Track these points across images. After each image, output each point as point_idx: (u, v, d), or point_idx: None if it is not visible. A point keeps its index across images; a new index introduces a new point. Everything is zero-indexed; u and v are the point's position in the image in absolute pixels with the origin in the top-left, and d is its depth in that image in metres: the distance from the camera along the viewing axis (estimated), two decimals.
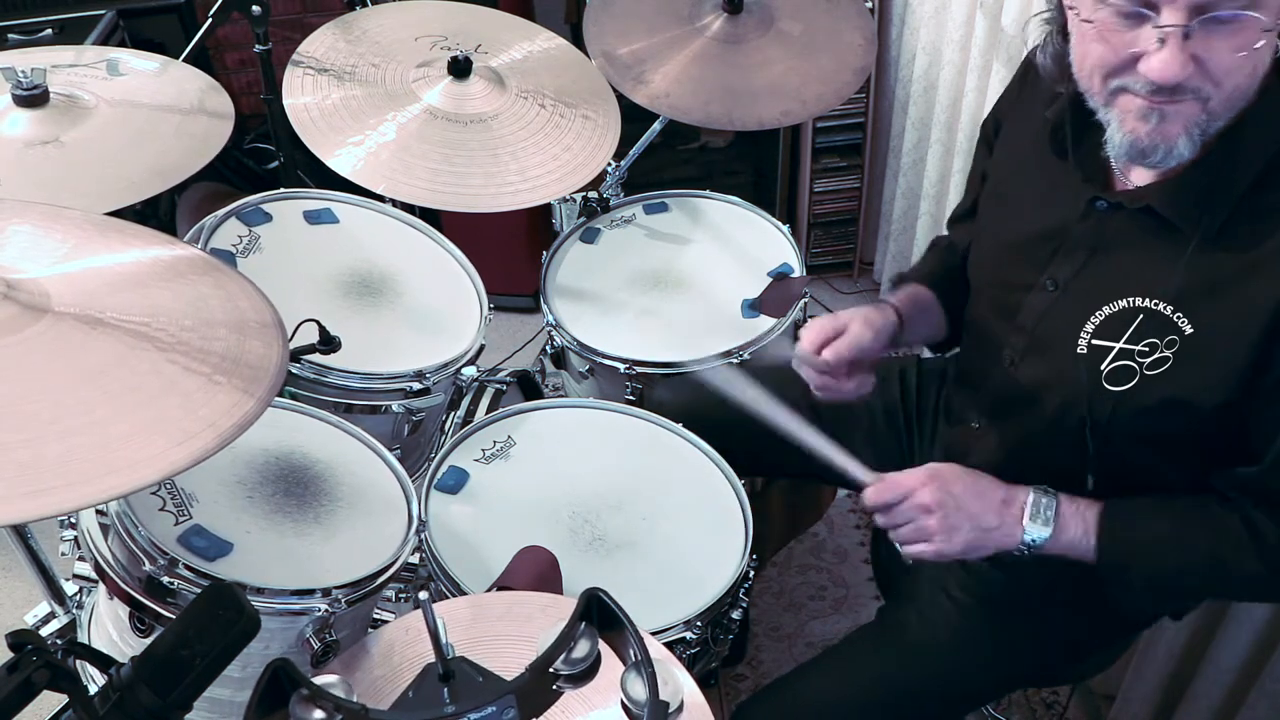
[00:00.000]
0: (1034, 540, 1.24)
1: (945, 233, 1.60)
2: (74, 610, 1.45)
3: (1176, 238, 1.14)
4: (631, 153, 2.06)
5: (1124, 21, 1.05)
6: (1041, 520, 1.24)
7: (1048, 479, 1.30)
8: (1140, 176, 1.20)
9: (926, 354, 1.69)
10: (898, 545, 1.29)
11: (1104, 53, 1.08)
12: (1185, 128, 1.07)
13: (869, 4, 2.54)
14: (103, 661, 0.96)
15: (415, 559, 1.40)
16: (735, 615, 1.45)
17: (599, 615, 0.94)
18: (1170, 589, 1.30)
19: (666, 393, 1.77)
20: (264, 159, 2.92)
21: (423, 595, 0.95)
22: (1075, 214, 1.24)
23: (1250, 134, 1.10)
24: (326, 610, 1.23)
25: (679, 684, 0.95)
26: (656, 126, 2.03)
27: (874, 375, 1.41)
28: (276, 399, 1.19)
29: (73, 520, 1.32)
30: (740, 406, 1.41)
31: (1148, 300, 1.16)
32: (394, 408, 1.63)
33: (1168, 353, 1.15)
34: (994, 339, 1.35)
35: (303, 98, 1.72)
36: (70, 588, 1.45)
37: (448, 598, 1.38)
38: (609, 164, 1.93)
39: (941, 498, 1.25)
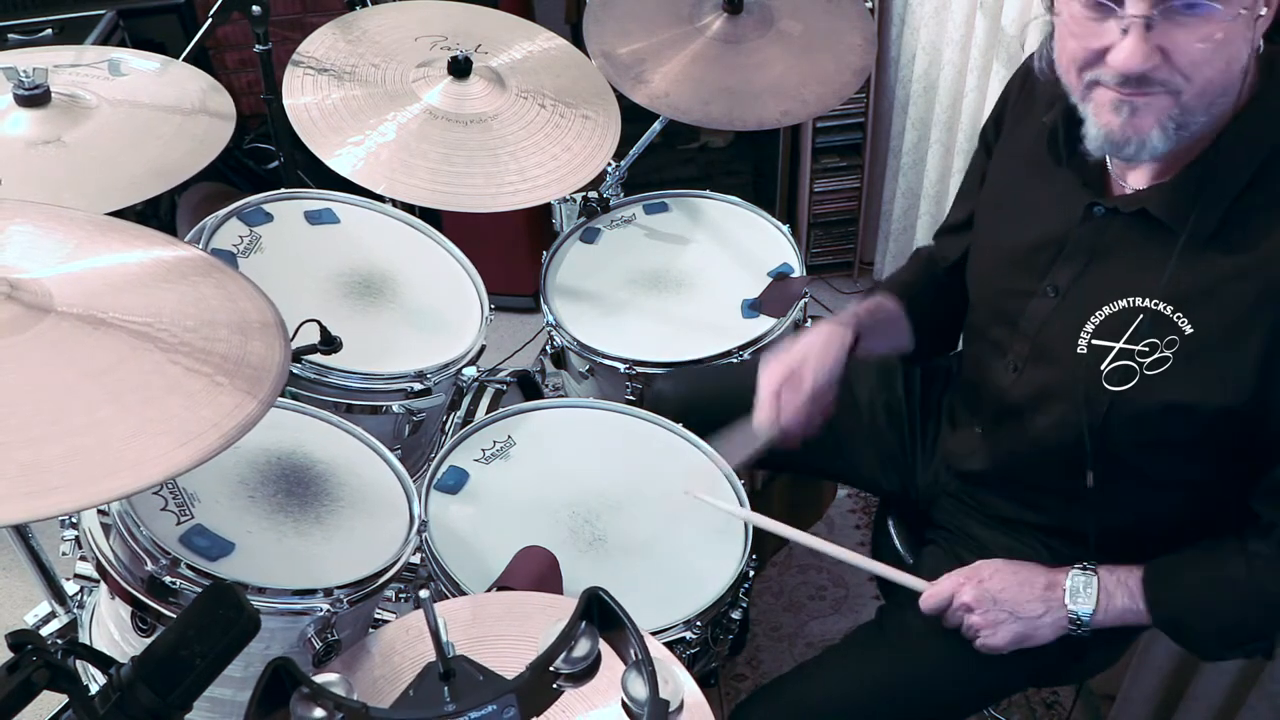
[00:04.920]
0: (1081, 617, 1.27)
1: (936, 235, 1.60)
2: (74, 610, 1.45)
3: (1174, 240, 1.14)
4: (631, 153, 2.06)
5: (1092, 14, 1.07)
6: (1084, 597, 1.26)
7: (1049, 482, 1.31)
8: (1136, 180, 1.20)
9: None
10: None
11: (1076, 46, 1.10)
12: (1158, 120, 1.07)
13: (869, 4, 2.54)
14: (103, 661, 0.96)
15: (416, 559, 1.40)
16: (735, 615, 1.46)
17: (599, 614, 0.94)
18: (1233, 632, 1.30)
19: (667, 384, 1.76)
20: (264, 159, 2.91)
21: (424, 593, 0.95)
22: (1074, 220, 1.24)
23: (1242, 135, 1.11)
24: (328, 610, 1.24)
25: (679, 683, 0.95)
26: (656, 126, 2.03)
27: (834, 400, 1.43)
28: (278, 399, 1.19)
29: (74, 520, 1.32)
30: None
31: (1148, 300, 1.16)
32: (394, 408, 1.63)
33: (1168, 353, 1.16)
34: (996, 346, 1.35)
35: (303, 98, 1.72)
36: (71, 587, 1.45)
37: (448, 598, 1.39)
38: (609, 164, 1.94)
39: (979, 595, 1.30)
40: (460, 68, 1.76)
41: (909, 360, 1.60)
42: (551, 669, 0.92)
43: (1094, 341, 1.21)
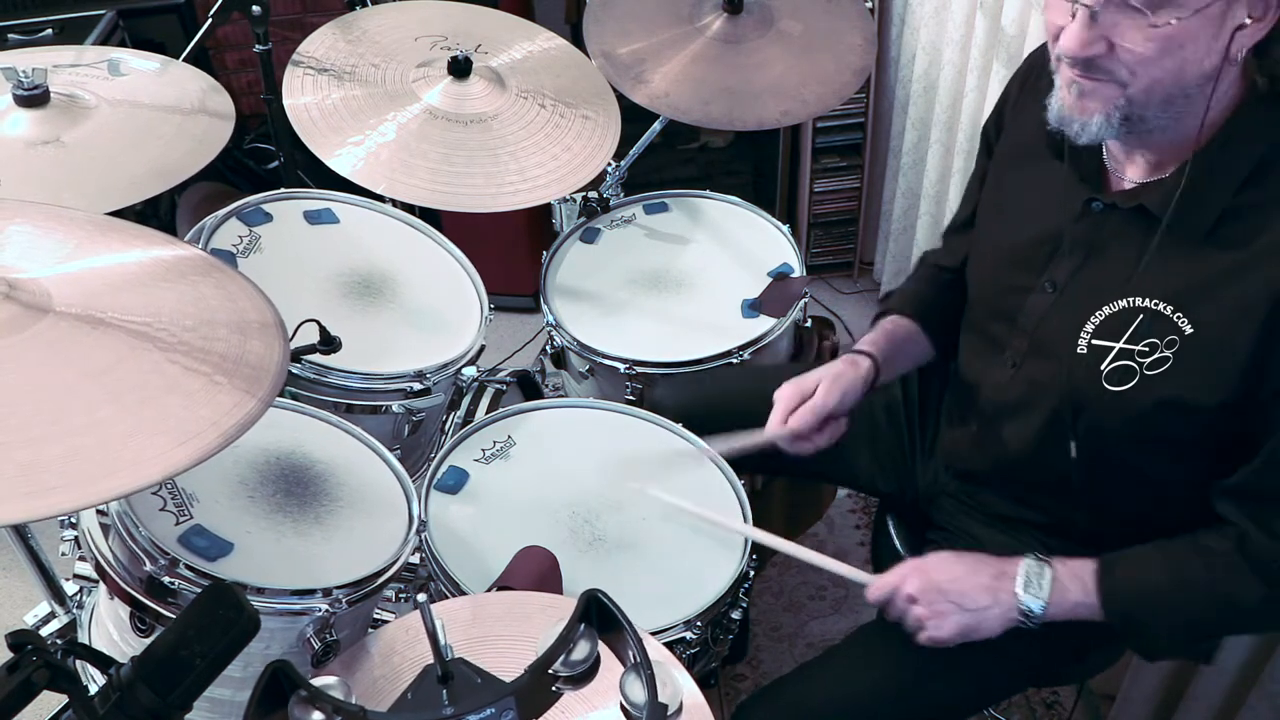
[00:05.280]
0: (1030, 609, 1.26)
1: (944, 234, 1.60)
2: (74, 610, 1.45)
3: (1171, 237, 1.15)
4: (631, 153, 2.06)
5: None
6: (1035, 589, 1.26)
7: (1046, 480, 1.30)
8: (1134, 175, 1.21)
9: None
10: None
11: (1049, 20, 1.14)
12: (1103, 107, 1.11)
13: (869, 4, 2.54)
14: (103, 661, 0.96)
15: (415, 559, 1.40)
16: (735, 615, 1.45)
17: (598, 617, 0.94)
18: (1184, 631, 1.30)
19: (667, 392, 1.77)
20: (264, 159, 2.91)
21: (421, 597, 0.95)
22: (1072, 215, 1.25)
23: (1236, 135, 1.12)
24: (327, 610, 1.24)
25: (678, 686, 0.95)
26: (656, 126, 2.03)
27: (846, 422, 1.45)
28: (277, 399, 1.19)
29: (73, 520, 1.32)
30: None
31: (1147, 300, 1.17)
32: (394, 408, 1.63)
33: (1168, 352, 1.16)
34: (994, 342, 1.35)
35: (303, 98, 1.72)
36: (70, 587, 1.45)
37: (448, 598, 1.39)
38: (609, 164, 1.93)
39: (922, 586, 1.29)
40: (460, 68, 1.76)
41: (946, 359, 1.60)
42: (550, 671, 0.92)
43: (1094, 341, 1.21)
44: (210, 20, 1.95)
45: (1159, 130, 1.13)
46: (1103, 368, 1.20)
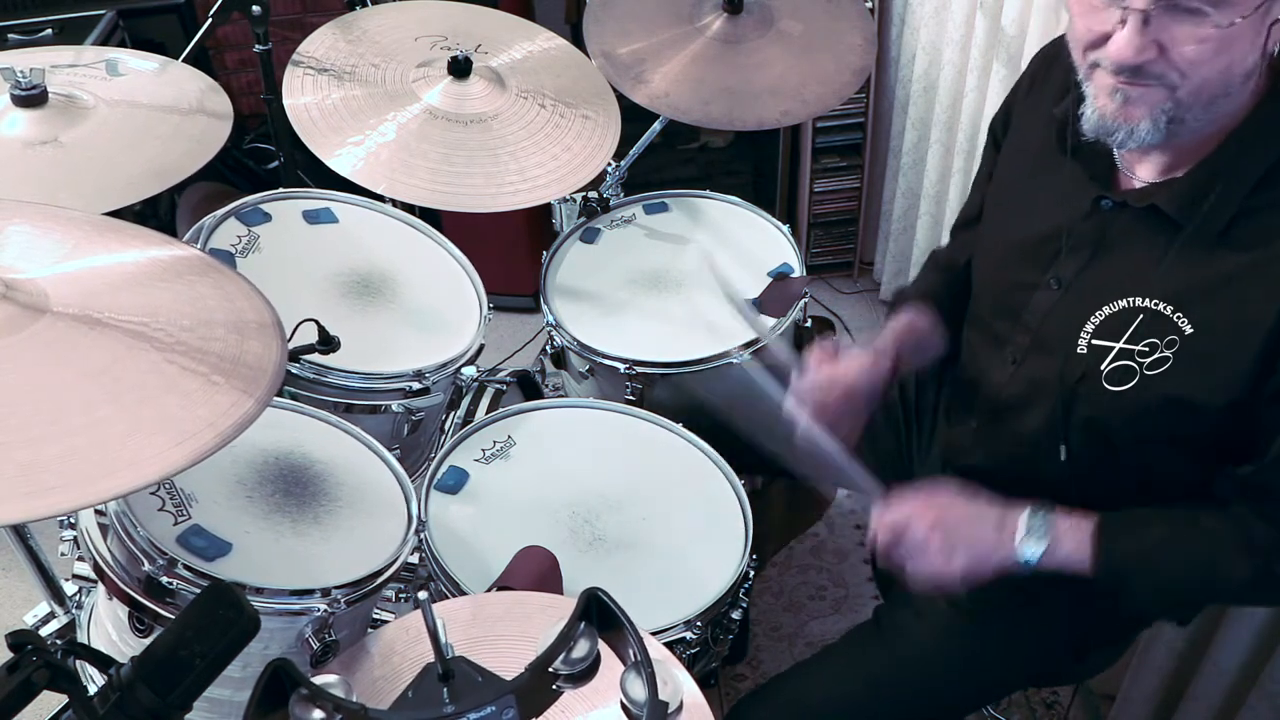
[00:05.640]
0: (1028, 560, 1.24)
1: (946, 234, 1.60)
2: (74, 610, 1.45)
3: (1180, 237, 1.14)
4: (631, 153, 2.06)
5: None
6: (1036, 537, 1.23)
7: (1044, 479, 1.30)
8: (1145, 174, 1.20)
9: None
10: (896, 569, 1.29)
11: (1082, 27, 1.11)
12: (1150, 112, 1.08)
13: (869, 4, 2.54)
14: (103, 661, 0.96)
15: (415, 559, 1.40)
16: (735, 615, 1.45)
17: (598, 615, 0.94)
18: (1169, 596, 1.30)
19: (666, 392, 1.76)
20: (264, 159, 2.91)
21: (422, 595, 0.95)
22: (1080, 212, 1.24)
23: (1255, 134, 1.11)
24: (326, 610, 1.23)
25: (679, 684, 0.95)
26: (656, 126, 2.03)
27: (863, 419, 1.42)
28: (276, 399, 1.19)
29: (72, 520, 1.32)
30: (763, 400, 1.41)
31: (1148, 300, 1.16)
32: (394, 408, 1.62)
33: (1168, 353, 1.15)
34: (997, 338, 1.35)
35: (303, 98, 1.72)
36: (70, 588, 1.45)
37: (448, 598, 1.38)
38: (609, 164, 1.93)
39: (939, 518, 1.26)
40: (460, 68, 1.76)
41: (949, 357, 1.59)
42: (551, 670, 0.92)
43: (1094, 341, 1.20)
44: (210, 20, 1.95)
45: (1194, 131, 1.11)
46: (1103, 368, 1.20)
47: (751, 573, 1.48)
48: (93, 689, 0.89)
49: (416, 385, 1.61)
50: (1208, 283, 1.13)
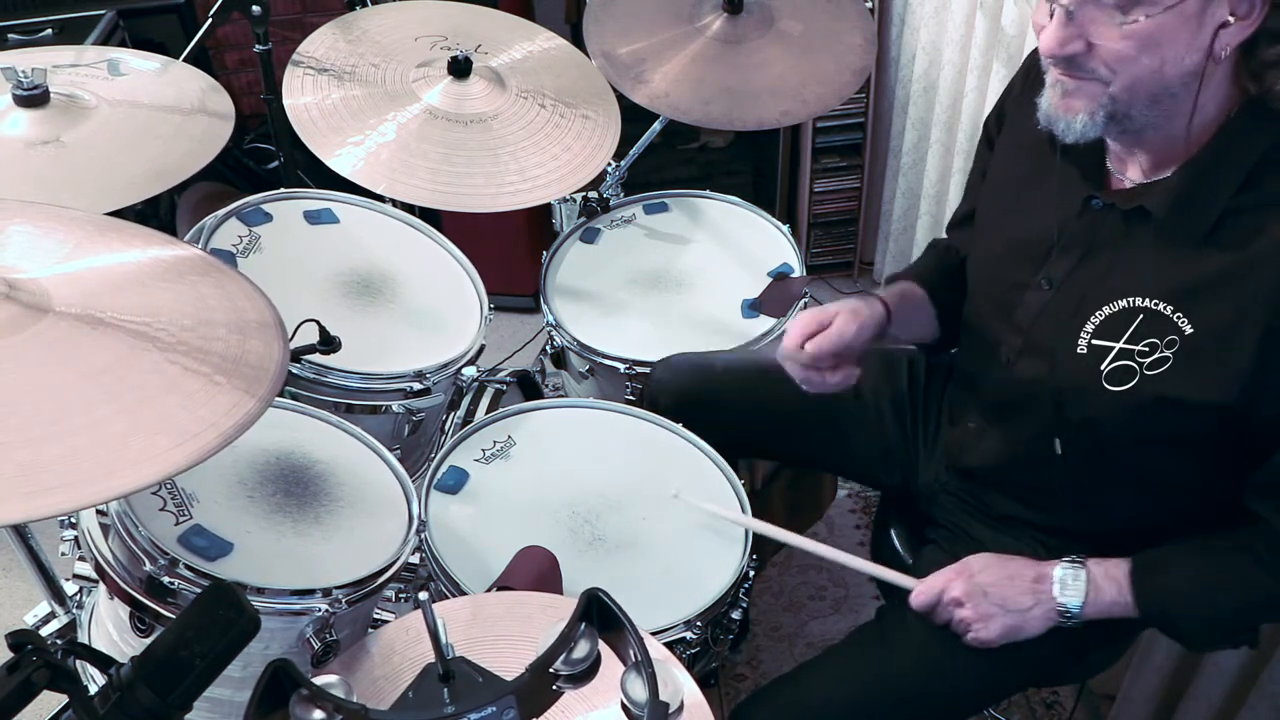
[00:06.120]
0: (1070, 609, 1.27)
1: (948, 228, 1.60)
2: (74, 610, 1.45)
3: (1170, 237, 1.15)
4: (631, 153, 2.06)
5: None
6: (1073, 590, 1.27)
7: (1044, 480, 1.30)
8: (1134, 175, 1.21)
9: None
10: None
11: (1033, 23, 1.15)
12: (1087, 106, 1.12)
13: (869, 4, 2.54)
14: (103, 661, 0.96)
15: (415, 559, 1.40)
16: (735, 615, 1.45)
17: (599, 615, 0.94)
18: (1220, 624, 1.31)
19: (665, 373, 1.75)
20: (264, 159, 2.91)
21: (423, 595, 0.95)
22: (1071, 212, 1.25)
23: (1236, 137, 1.12)
24: (326, 610, 1.23)
25: (679, 684, 0.95)
26: (656, 126, 2.03)
27: (859, 367, 1.41)
28: (277, 399, 1.19)
29: (73, 520, 1.32)
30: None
31: (1147, 300, 1.17)
32: (394, 408, 1.63)
33: (1168, 353, 1.16)
34: (991, 338, 1.35)
35: (303, 98, 1.72)
36: (70, 588, 1.45)
37: (448, 598, 1.38)
38: (609, 164, 1.93)
39: (969, 589, 1.30)
40: (460, 68, 1.76)
41: (932, 351, 1.60)
42: (551, 670, 0.92)
43: (1094, 342, 1.21)
44: (210, 20, 1.95)
45: (1150, 129, 1.14)
46: (1103, 368, 1.20)
47: (751, 573, 1.48)
48: (93, 689, 0.89)
49: (417, 385, 1.61)
50: (1204, 283, 1.14)
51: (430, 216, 1.92)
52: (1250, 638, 1.41)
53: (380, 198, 1.75)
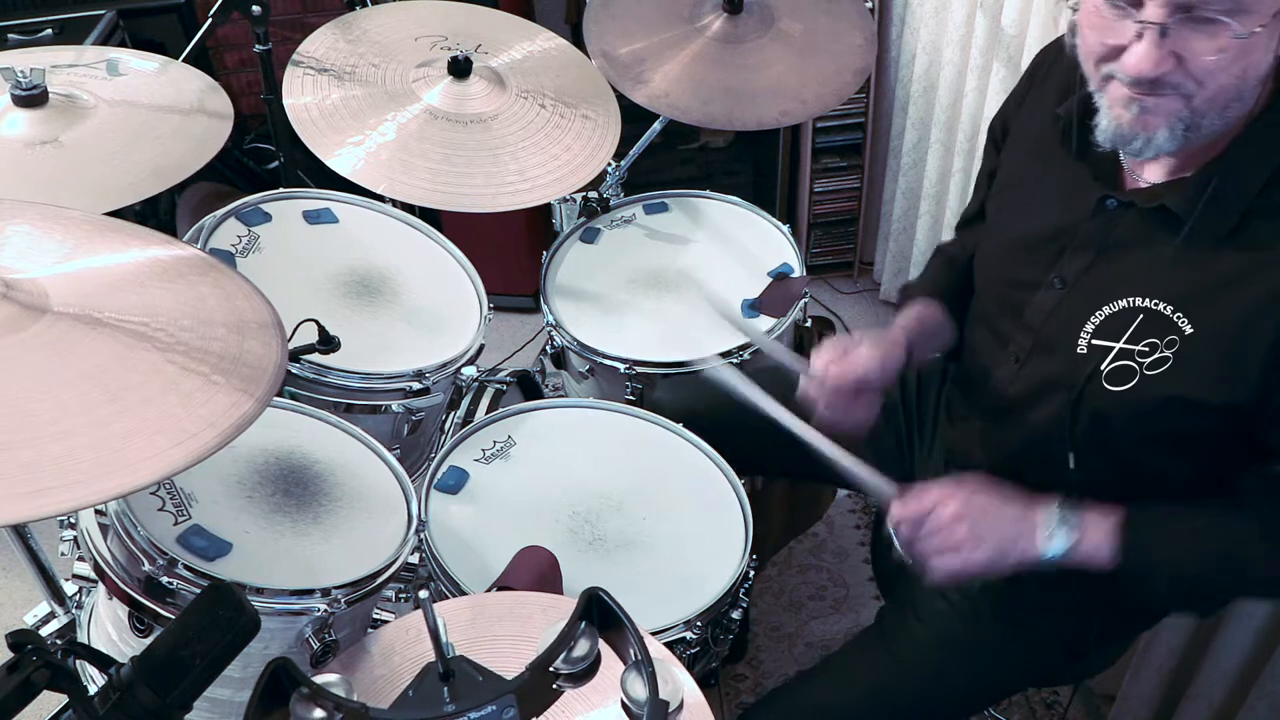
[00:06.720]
0: (1054, 552, 1.22)
1: (945, 234, 1.60)
2: (74, 610, 1.45)
3: (1192, 236, 1.14)
4: (631, 153, 2.06)
5: (1111, 11, 1.07)
6: (1064, 531, 1.22)
7: (1048, 478, 1.30)
8: (1151, 175, 1.20)
9: None
10: (918, 562, 1.27)
11: (1094, 40, 1.11)
12: (1167, 121, 1.08)
13: (869, 4, 2.54)
14: (103, 661, 0.96)
15: (415, 559, 1.40)
16: (735, 615, 1.45)
17: (599, 615, 0.94)
18: (1192, 589, 1.29)
19: (666, 393, 1.76)
20: (264, 159, 2.91)
21: (423, 594, 0.95)
22: (1085, 212, 1.24)
23: (1261, 137, 1.11)
24: (326, 610, 1.23)
25: (679, 683, 0.95)
26: (656, 126, 2.03)
27: (878, 404, 1.40)
28: (276, 399, 1.19)
29: (72, 520, 1.32)
30: (753, 409, 1.40)
31: (1147, 300, 1.16)
32: (394, 407, 1.62)
33: (1168, 353, 1.15)
34: (1000, 337, 1.35)
35: (303, 98, 1.72)
36: (70, 588, 1.45)
37: (448, 598, 1.38)
38: (609, 164, 1.93)
39: (968, 507, 1.24)
40: (460, 68, 1.76)
41: (951, 356, 1.59)
42: (551, 669, 0.92)
43: (1094, 341, 1.20)
44: (210, 20, 1.95)
45: (1208, 135, 1.11)
46: (1103, 368, 1.20)
47: (751, 573, 1.48)
48: (93, 689, 0.89)
49: (417, 385, 1.61)
50: (1211, 283, 1.13)
51: (430, 216, 1.91)
52: (1207, 609, 1.40)
53: (380, 198, 1.74)
